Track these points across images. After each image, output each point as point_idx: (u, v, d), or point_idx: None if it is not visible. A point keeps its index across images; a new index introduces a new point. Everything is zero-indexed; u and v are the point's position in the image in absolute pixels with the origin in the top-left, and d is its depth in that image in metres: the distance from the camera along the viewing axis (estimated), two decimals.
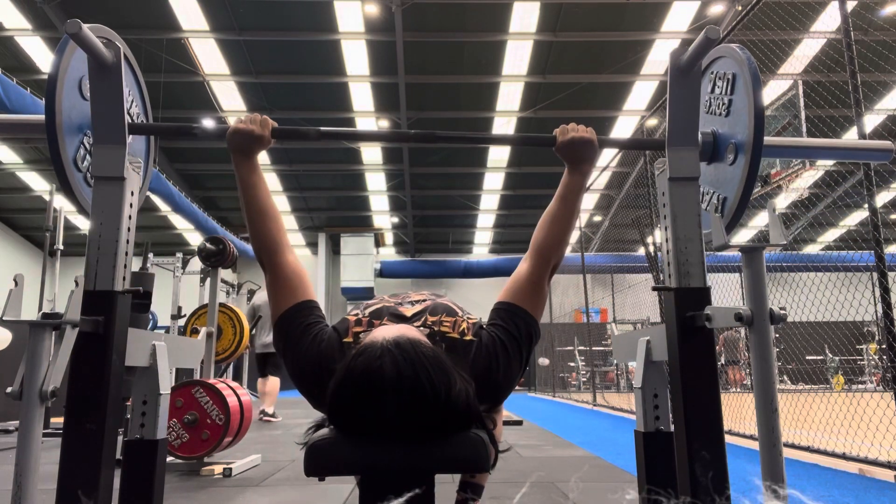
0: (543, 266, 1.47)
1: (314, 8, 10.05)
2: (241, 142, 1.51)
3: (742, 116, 1.53)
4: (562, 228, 1.50)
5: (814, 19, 8.59)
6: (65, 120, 1.45)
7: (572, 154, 1.53)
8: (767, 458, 1.27)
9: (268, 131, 1.54)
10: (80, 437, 1.35)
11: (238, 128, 1.51)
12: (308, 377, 1.34)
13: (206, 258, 3.98)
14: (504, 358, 1.36)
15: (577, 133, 1.53)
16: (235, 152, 1.52)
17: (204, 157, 15.07)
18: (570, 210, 1.51)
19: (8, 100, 8.21)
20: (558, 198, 1.52)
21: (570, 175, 1.53)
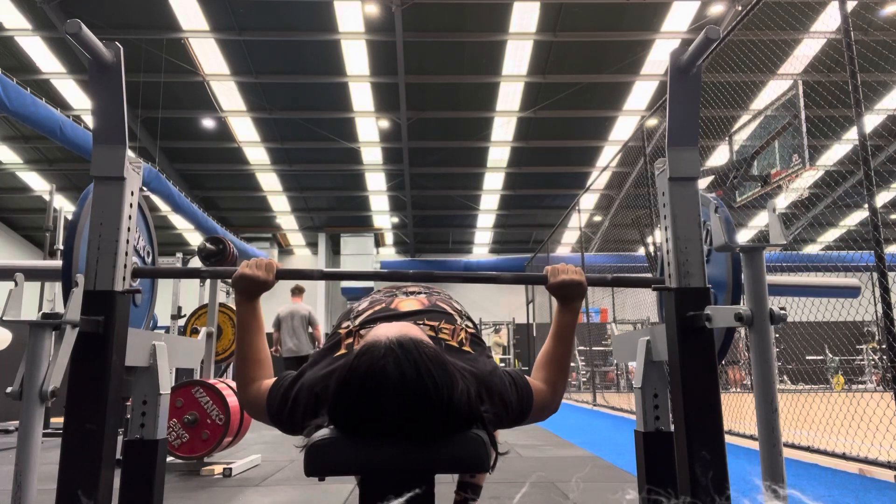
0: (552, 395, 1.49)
1: (314, 8, 10.05)
2: (245, 286, 1.53)
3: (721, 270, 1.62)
4: (562, 366, 1.54)
5: (814, 19, 8.58)
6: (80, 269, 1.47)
7: (562, 293, 1.58)
8: (767, 458, 1.27)
9: (272, 275, 1.56)
10: (80, 437, 1.35)
11: (244, 273, 1.52)
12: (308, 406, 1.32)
13: (206, 258, 3.98)
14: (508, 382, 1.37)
15: (567, 275, 1.57)
16: (239, 293, 1.54)
17: (204, 157, 15.07)
18: (567, 348, 1.55)
19: (8, 100, 8.20)
20: (554, 337, 1.56)
21: (562, 313, 1.58)
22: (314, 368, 1.37)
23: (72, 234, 1.48)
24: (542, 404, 1.43)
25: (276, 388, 1.38)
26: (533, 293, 15.22)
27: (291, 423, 1.34)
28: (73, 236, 1.48)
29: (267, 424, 1.42)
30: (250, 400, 1.43)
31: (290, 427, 1.35)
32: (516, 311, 16.54)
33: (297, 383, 1.35)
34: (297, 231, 20.43)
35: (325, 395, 1.22)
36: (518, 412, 1.37)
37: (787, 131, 4.40)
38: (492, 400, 1.31)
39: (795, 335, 9.36)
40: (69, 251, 1.46)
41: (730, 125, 5.54)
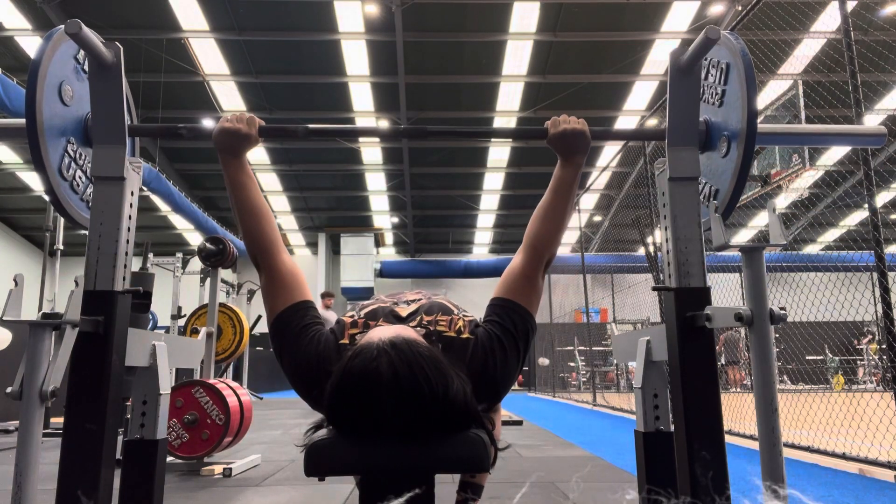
0: (537, 260, 1.45)
1: (314, 8, 10.05)
2: (228, 141, 1.49)
3: (735, 108, 1.51)
4: (555, 222, 1.48)
5: (814, 19, 8.59)
6: (46, 125, 1.41)
7: (564, 146, 1.51)
8: (767, 458, 1.27)
9: (255, 130, 1.52)
10: (80, 437, 1.35)
11: (224, 127, 1.48)
12: (305, 378, 1.34)
13: (206, 258, 3.98)
14: (501, 354, 1.35)
15: (569, 125, 1.51)
16: (223, 152, 1.50)
17: (204, 157, 15.07)
18: (564, 203, 1.49)
19: (8, 100, 8.21)
20: (551, 191, 1.50)
21: (562, 168, 1.52)
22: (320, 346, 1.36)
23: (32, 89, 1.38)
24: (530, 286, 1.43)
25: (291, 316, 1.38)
26: None
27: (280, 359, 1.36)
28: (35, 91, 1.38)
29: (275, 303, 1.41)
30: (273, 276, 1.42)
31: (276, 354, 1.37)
32: None
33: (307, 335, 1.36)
34: (297, 231, 20.44)
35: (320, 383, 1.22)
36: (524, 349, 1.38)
37: None
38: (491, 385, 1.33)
39: (795, 335, 9.35)
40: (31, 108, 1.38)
41: None
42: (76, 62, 1.54)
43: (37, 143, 1.38)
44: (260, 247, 1.45)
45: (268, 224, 1.47)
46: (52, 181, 1.44)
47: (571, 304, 13.65)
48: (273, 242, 1.46)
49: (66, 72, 1.50)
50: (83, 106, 1.56)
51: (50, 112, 1.43)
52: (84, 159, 1.59)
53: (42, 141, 1.40)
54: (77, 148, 1.55)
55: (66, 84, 1.49)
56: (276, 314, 1.40)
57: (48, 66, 1.42)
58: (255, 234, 1.46)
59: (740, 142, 1.49)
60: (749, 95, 1.46)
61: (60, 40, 1.46)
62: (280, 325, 1.38)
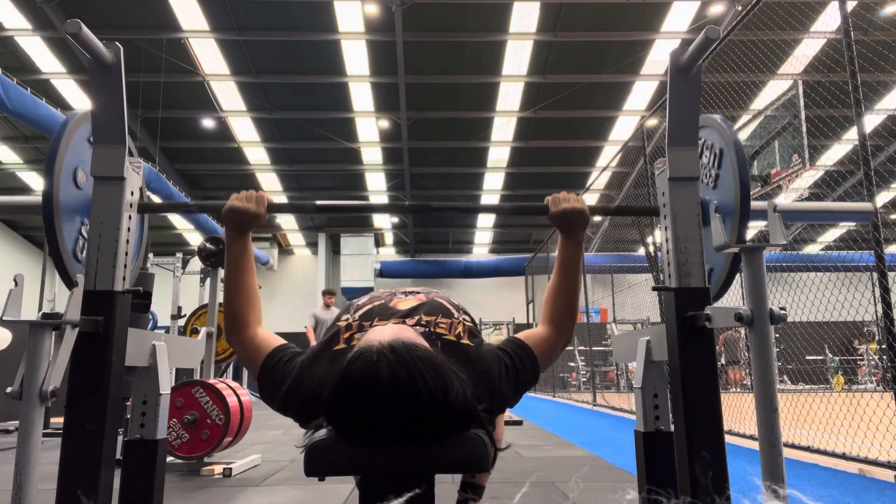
0: (558, 335, 1.48)
1: (314, 8, 10.05)
2: (235, 219, 1.50)
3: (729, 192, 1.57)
4: (569, 300, 1.52)
5: (814, 19, 8.58)
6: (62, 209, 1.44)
7: (565, 223, 1.55)
8: (767, 458, 1.27)
9: (263, 208, 1.53)
10: (80, 437, 1.35)
11: (234, 206, 1.50)
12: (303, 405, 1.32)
13: (206, 258, 3.98)
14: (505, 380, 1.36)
15: (569, 203, 1.55)
16: (229, 228, 1.51)
17: (204, 157, 15.07)
18: (573, 281, 1.53)
19: (8, 100, 8.22)
20: (559, 271, 1.53)
21: (565, 245, 1.56)
22: (314, 360, 1.36)
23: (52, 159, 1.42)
24: (549, 350, 1.44)
25: (276, 357, 1.38)
26: (533, 293, 15.22)
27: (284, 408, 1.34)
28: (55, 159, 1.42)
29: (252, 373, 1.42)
30: (245, 347, 1.41)
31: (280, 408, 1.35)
32: (516, 311, 16.54)
33: (297, 370, 1.34)
34: (297, 231, 20.44)
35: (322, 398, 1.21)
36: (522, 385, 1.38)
37: (787, 131, 4.40)
38: (490, 394, 1.31)
39: (795, 335, 9.35)
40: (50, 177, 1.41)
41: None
42: (89, 144, 1.57)
43: (52, 228, 1.41)
44: (236, 322, 1.45)
45: (250, 304, 1.47)
46: (68, 265, 1.46)
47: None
48: (248, 321, 1.45)
49: (81, 157, 1.53)
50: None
51: (65, 197, 1.46)
52: None
53: (58, 225, 1.43)
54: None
55: (81, 169, 1.53)
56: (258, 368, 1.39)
57: (64, 154, 1.46)
58: (235, 311, 1.45)
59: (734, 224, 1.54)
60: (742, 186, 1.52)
61: (75, 127, 1.50)
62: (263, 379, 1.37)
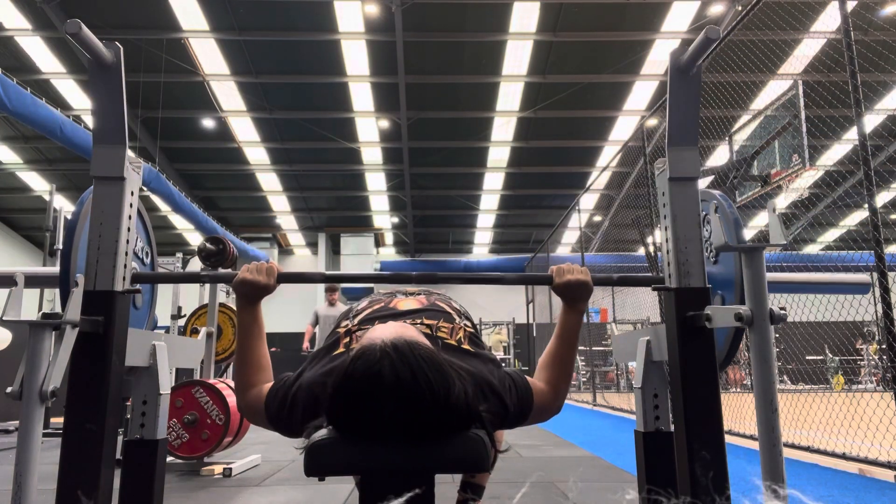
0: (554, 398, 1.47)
1: (314, 8, 10.05)
2: (246, 291, 1.51)
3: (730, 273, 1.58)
4: (566, 367, 1.52)
5: (814, 19, 8.58)
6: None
7: (568, 294, 1.56)
8: (767, 458, 1.27)
9: (273, 279, 1.55)
10: (80, 437, 1.35)
11: (245, 278, 1.51)
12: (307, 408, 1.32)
13: (206, 258, 3.98)
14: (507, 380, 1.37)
15: (573, 275, 1.55)
16: (240, 297, 1.53)
17: (204, 157, 15.07)
18: (571, 349, 1.53)
19: (8, 100, 8.21)
20: (558, 338, 1.54)
21: (567, 314, 1.56)
22: (313, 368, 1.37)
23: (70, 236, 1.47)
24: (543, 405, 1.42)
25: (274, 390, 1.38)
26: (533, 293, 15.21)
27: (290, 425, 1.33)
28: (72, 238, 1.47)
29: (265, 428, 1.41)
30: (249, 404, 1.42)
31: (288, 428, 1.35)
32: (516, 310, 16.53)
33: (296, 384, 1.35)
34: (297, 231, 20.43)
35: (324, 396, 1.21)
36: (518, 413, 1.37)
37: (787, 131, 4.40)
38: (490, 399, 1.31)
39: (795, 335, 9.35)
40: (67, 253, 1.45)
41: (730, 125, 5.54)
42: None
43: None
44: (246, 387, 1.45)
45: (263, 373, 1.48)
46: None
47: None
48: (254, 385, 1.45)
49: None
50: None
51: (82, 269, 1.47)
52: None
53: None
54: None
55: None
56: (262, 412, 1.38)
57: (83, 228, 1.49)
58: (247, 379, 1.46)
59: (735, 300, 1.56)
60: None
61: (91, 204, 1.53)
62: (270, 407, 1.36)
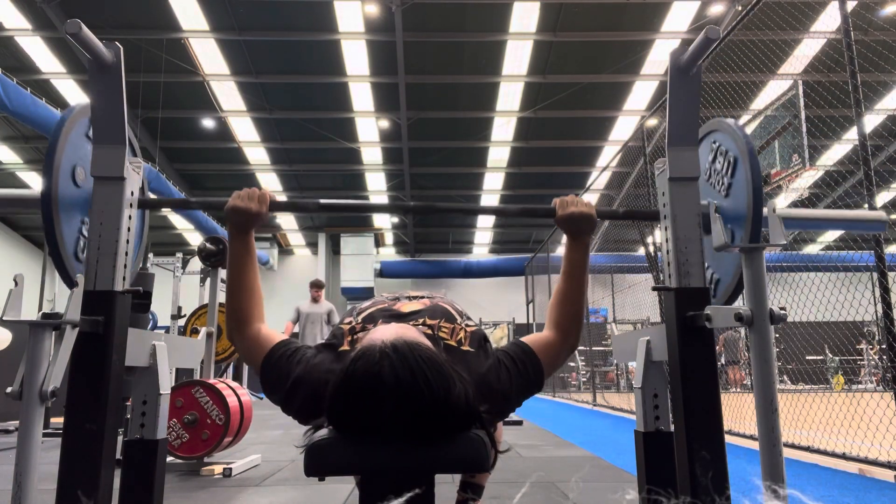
0: (563, 340, 1.46)
1: (314, 8, 10.05)
2: (238, 219, 1.49)
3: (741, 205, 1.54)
4: (575, 306, 1.50)
5: (814, 19, 8.58)
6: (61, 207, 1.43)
7: (572, 227, 1.54)
8: (767, 458, 1.27)
9: (265, 207, 1.52)
10: (80, 437, 1.35)
11: (236, 205, 1.48)
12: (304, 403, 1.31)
13: (206, 258, 3.98)
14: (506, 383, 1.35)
15: (577, 207, 1.53)
16: (231, 227, 1.50)
17: (204, 157, 15.07)
18: (580, 286, 1.51)
19: (8, 100, 8.22)
20: (565, 275, 1.52)
21: (572, 250, 1.54)
22: (318, 359, 1.36)
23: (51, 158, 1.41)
24: (553, 355, 1.42)
25: (279, 352, 1.37)
26: (533, 293, 15.21)
27: (286, 405, 1.34)
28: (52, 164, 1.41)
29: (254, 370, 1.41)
30: (247, 344, 1.41)
31: (282, 405, 1.35)
32: (516, 310, 16.54)
33: (300, 367, 1.33)
34: (297, 231, 20.44)
35: (324, 396, 1.21)
36: (526, 389, 1.37)
37: (787, 131, 4.40)
38: (492, 399, 1.31)
39: (795, 335, 9.35)
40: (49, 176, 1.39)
41: None
42: (88, 140, 1.56)
43: (52, 227, 1.41)
44: (238, 319, 1.44)
45: (253, 300, 1.46)
46: (68, 264, 1.46)
47: None
48: (252, 315, 1.45)
49: (80, 154, 1.52)
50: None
51: (63, 194, 1.45)
52: None
53: (57, 224, 1.42)
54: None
55: (79, 167, 1.52)
56: (260, 362, 1.37)
57: (62, 151, 1.45)
58: (238, 308, 1.45)
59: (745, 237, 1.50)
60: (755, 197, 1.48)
61: (73, 124, 1.49)
62: (265, 374, 1.36)
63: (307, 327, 6.95)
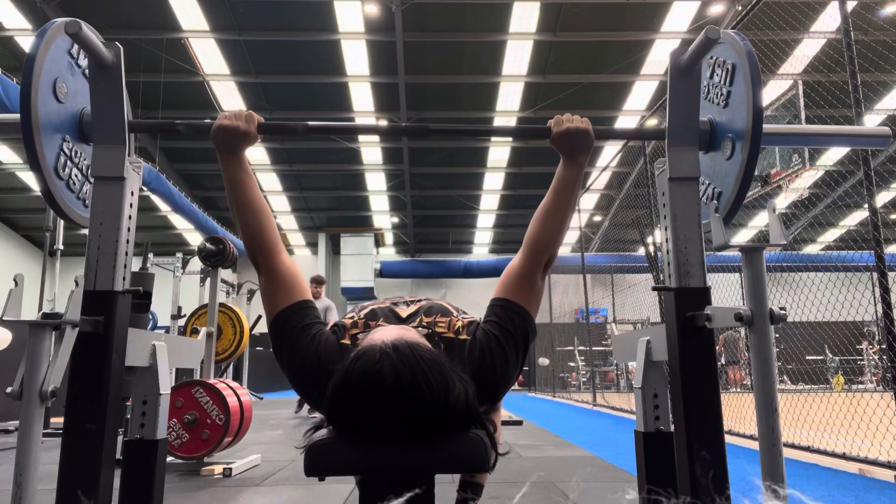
0: (536, 260, 1.44)
1: (314, 8, 10.05)
2: (226, 139, 1.46)
3: (741, 110, 1.49)
4: (556, 222, 1.46)
5: (814, 19, 8.58)
6: (42, 123, 1.40)
7: (567, 145, 1.50)
8: (767, 458, 1.27)
9: (254, 127, 1.49)
10: (80, 437, 1.35)
11: (222, 124, 1.46)
12: (307, 377, 1.33)
13: (206, 258, 3.98)
14: (500, 353, 1.35)
15: (573, 123, 1.49)
16: (221, 150, 1.48)
17: (204, 157, 15.07)
18: (565, 203, 1.47)
19: (8, 100, 8.21)
20: (553, 191, 1.49)
21: (564, 167, 1.50)
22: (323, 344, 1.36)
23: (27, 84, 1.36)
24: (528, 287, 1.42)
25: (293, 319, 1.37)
26: None
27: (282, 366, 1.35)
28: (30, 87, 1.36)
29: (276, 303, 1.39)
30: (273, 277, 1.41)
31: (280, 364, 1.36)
32: None
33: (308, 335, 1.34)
34: (297, 231, 20.44)
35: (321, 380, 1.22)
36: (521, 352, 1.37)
37: None
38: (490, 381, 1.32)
39: (795, 335, 9.35)
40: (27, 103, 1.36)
41: None
42: (70, 57, 1.52)
43: (32, 142, 1.37)
44: (259, 246, 1.44)
45: (267, 223, 1.45)
46: (49, 180, 1.43)
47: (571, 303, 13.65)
48: (273, 242, 1.45)
49: (61, 68, 1.48)
50: (78, 102, 1.54)
51: (45, 110, 1.41)
52: (80, 157, 1.57)
53: (37, 139, 1.38)
54: (73, 146, 1.53)
55: (61, 81, 1.47)
56: (275, 313, 1.39)
57: (42, 63, 1.40)
58: (254, 233, 1.44)
59: (745, 144, 1.47)
60: (755, 98, 1.44)
61: (54, 36, 1.44)
62: (280, 324, 1.37)
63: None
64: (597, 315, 13.94)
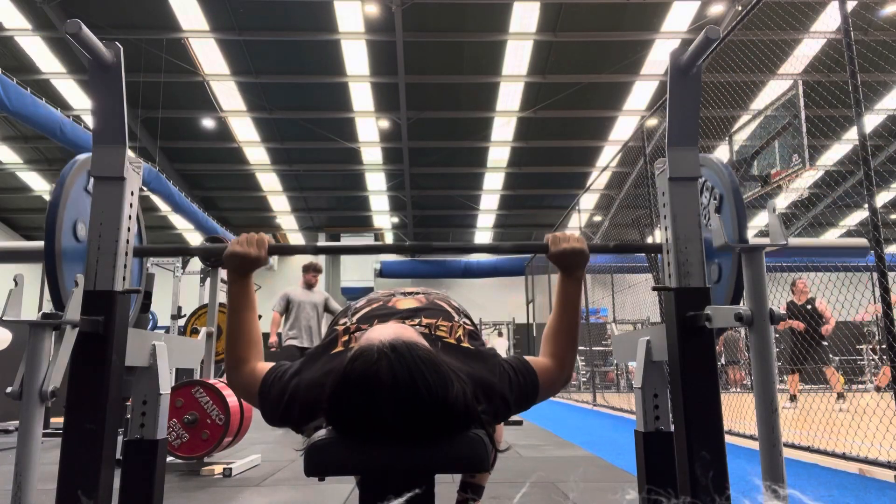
0: (560, 369, 1.47)
1: (314, 8, 10.05)
2: (236, 263, 1.51)
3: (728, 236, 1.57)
4: (570, 337, 1.51)
5: (814, 19, 8.58)
6: (64, 261, 1.45)
7: (564, 262, 1.56)
8: (767, 458, 1.27)
9: (264, 251, 1.54)
10: (80, 437, 1.35)
11: (235, 251, 1.50)
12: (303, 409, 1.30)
13: (206, 258, 3.98)
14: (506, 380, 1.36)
15: (569, 244, 1.55)
16: (230, 271, 1.52)
17: (204, 157, 15.07)
18: (573, 319, 1.52)
19: (8, 100, 8.21)
20: (559, 308, 1.53)
21: (565, 283, 1.56)
22: (312, 367, 1.36)
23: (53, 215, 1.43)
24: (549, 381, 1.43)
25: (271, 377, 1.37)
26: (533, 293, 15.22)
27: (285, 419, 1.33)
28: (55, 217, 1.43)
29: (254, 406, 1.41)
30: (242, 382, 1.41)
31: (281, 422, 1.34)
32: (516, 311, 16.54)
33: (295, 379, 1.33)
34: (297, 231, 20.43)
35: (322, 397, 1.21)
36: (522, 401, 1.38)
37: (787, 131, 4.40)
38: (490, 399, 1.30)
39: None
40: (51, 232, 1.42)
41: (730, 125, 5.54)
42: (87, 194, 1.57)
43: (55, 278, 1.43)
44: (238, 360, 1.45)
45: (254, 346, 1.47)
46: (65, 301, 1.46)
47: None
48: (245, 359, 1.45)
49: (80, 210, 1.54)
50: None
51: (65, 248, 1.47)
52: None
53: (60, 276, 1.44)
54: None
55: (80, 222, 1.54)
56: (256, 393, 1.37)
57: (64, 210, 1.47)
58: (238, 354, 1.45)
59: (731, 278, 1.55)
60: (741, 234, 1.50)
61: (73, 179, 1.51)
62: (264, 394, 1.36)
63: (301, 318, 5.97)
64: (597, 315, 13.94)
